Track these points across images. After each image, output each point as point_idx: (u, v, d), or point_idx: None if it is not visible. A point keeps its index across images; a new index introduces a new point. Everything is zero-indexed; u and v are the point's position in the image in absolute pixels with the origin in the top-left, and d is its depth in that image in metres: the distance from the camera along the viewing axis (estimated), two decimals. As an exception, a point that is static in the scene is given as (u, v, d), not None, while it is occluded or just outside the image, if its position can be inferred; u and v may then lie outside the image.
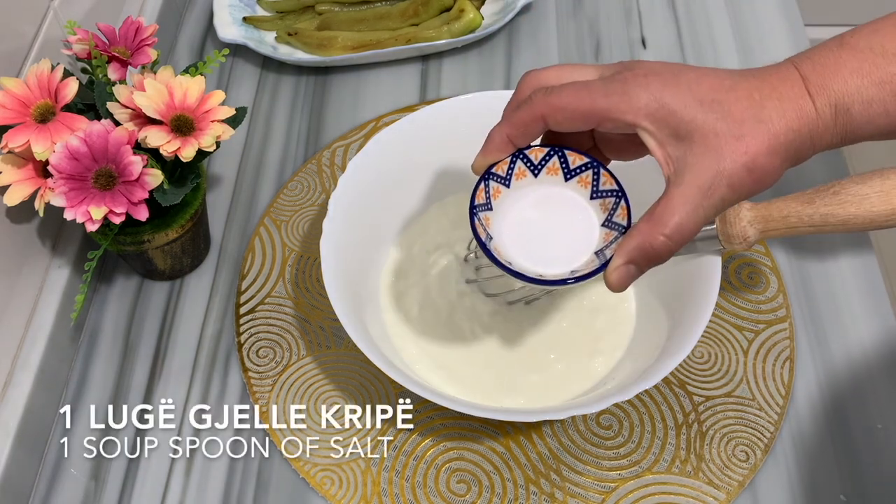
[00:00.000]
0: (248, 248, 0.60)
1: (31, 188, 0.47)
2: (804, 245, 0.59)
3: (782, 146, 0.37)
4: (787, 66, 0.38)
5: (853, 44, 0.37)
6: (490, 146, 0.42)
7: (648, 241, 0.38)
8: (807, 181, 0.62)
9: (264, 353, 0.55)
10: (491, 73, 0.71)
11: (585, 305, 0.54)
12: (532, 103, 0.39)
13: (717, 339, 0.55)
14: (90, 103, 0.51)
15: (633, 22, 0.74)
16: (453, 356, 0.52)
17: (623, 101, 0.37)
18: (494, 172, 0.43)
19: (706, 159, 0.37)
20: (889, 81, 0.36)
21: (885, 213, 0.40)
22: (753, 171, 0.37)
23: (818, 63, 0.37)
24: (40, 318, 0.53)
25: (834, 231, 0.42)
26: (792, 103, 0.37)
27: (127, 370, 0.55)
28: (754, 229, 0.43)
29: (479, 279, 0.55)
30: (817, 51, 0.38)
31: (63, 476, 0.51)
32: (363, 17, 0.72)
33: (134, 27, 0.54)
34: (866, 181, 0.40)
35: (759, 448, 0.50)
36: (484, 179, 0.43)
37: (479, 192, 0.42)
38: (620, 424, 0.52)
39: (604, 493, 0.49)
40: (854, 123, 0.37)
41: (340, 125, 0.67)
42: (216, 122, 0.50)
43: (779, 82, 0.38)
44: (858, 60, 0.37)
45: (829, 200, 0.41)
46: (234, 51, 0.73)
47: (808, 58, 0.38)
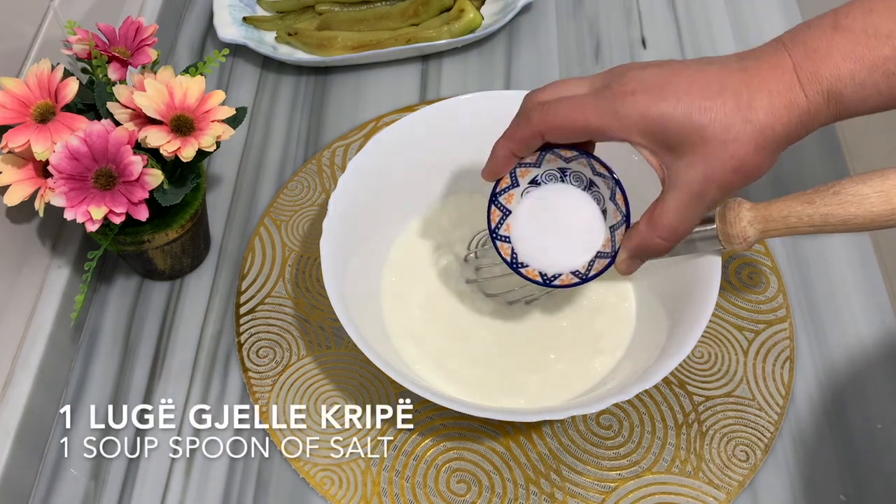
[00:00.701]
0: (248, 248, 0.60)
1: (32, 188, 0.47)
2: (804, 245, 0.59)
3: (771, 141, 0.39)
4: (780, 52, 0.39)
5: (847, 25, 0.38)
6: (495, 161, 0.45)
7: (647, 241, 0.43)
8: (807, 181, 0.63)
9: (264, 353, 0.55)
10: (491, 73, 0.71)
11: (585, 305, 0.54)
12: (531, 121, 0.42)
13: (717, 339, 0.55)
14: (90, 103, 0.51)
15: (633, 22, 0.74)
16: (453, 356, 0.52)
17: (614, 120, 0.40)
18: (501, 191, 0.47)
19: (696, 167, 0.39)
20: (882, 65, 0.37)
21: (885, 214, 0.40)
22: (741, 170, 0.39)
23: (811, 48, 0.38)
24: (40, 318, 0.53)
25: (834, 231, 0.42)
26: (782, 97, 0.38)
27: (127, 370, 0.55)
28: (754, 229, 0.43)
29: (479, 279, 0.55)
30: (811, 33, 0.39)
31: (63, 476, 0.51)
32: (363, 17, 0.72)
33: (134, 27, 0.54)
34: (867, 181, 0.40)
35: (759, 448, 0.50)
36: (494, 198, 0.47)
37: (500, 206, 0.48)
38: (620, 424, 0.52)
39: (604, 493, 0.49)
40: (847, 104, 0.38)
41: (340, 125, 0.67)
42: (216, 122, 0.50)
43: (769, 73, 0.39)
44: (851, 44, 0.38)
45: (829, 200, 0.41)
46: (234, 51, 0.73)
47: (802, 42, 0.39)
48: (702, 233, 0.45)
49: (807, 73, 0.38)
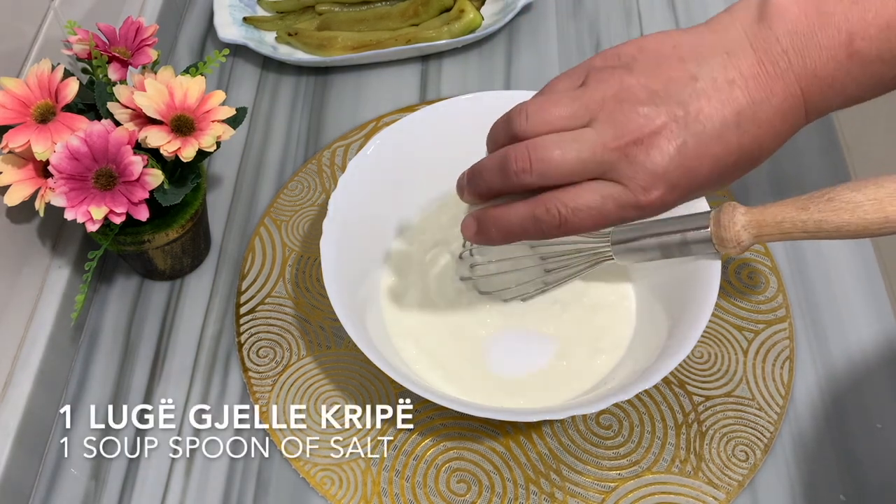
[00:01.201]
0: (249, 248, 0.60)
1: (32, 188, 0.47)
2: (804, 245, 0.59)
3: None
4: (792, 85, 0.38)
5: (864, 53, 0.37)
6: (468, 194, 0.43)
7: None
8: (806, 181, 0.63)
9: (264, 353, 0.55)
10: (491, 73, 0.71)
11: (585, 303, 0.54)
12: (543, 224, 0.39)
13: (717, 339, 0.55)
14: (90, 103, 0.51)
15: (633, 22, 0.74)
16: (453, 356, 0.52)
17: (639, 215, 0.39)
18: None
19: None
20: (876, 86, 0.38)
21: (878, 222, 0.40)
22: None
23: (824, 82, 0.38)
24: (40, 318, 0.53)
25: (828, 237, 0.42)
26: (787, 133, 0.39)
27: (127, 370, 0.55)
28: (748, 234, 0.43)
29: (474, 276, 0.55)
30: (823, 61, 0.37)
31: (63, 476, 0.51)
32: (363, 18, 0.72)
33: (134, 27, 0.54)
34: (861, 188, 0.40)
35: (759, 448, 0.50)
36: None
37: None
38: (620, 424, 0.52)
39: (604, 492, 0.49)
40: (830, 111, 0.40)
41: (340, 125, 0.67)
42: (216, 122, 0.50)
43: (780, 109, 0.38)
44: (863, 75, 0.37)
45: (823, 207, 0.41)
46: (234, 51, 0.73)
47: (814, 74, 0.37)
48: (695, 236, 0.45)
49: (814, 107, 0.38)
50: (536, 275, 0.54)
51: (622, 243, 0.49)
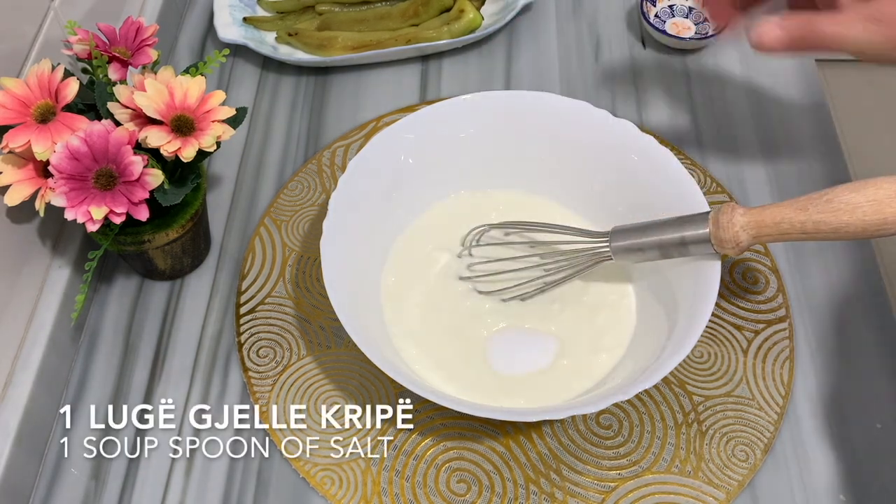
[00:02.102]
0: (249, 248, 0.60)
1: (32, 188, 0.47)
2: (804, 245, 0.59)
3: None
4: None
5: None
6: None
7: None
8: (806, 181, 0.63)
9: (264, 353, 0.55)
10: (491, 73, 0.71)
11: (585, 303, 0.54)
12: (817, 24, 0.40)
13: (717, 338, 0.55)
14: (91, 103, 0.51)
15: (633, 22, 0.74)
16: (453, 355, 0.52)
17: None
18: None
19: None
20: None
21: (876, 223, 0.40)
22: None
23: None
24: (40, 318, 0.53)
25: (826, 239, 0.42)
26: None
27: (127, 370, 0.55)
28: (747, 234, 0.43)
29: (473, 276, 0.55)
30: None
31: (63, 476, 0.51)
32: (363, 18, 0.72)
33: (134, 27, 0.54)
34: (859, 190, 0.40)
35: (759, 448, 0.51)
36: None
37: None
38: (620, 424, 0.52)
39: (604, 492, 0.49)
40: None
41: (340, 125, 0.67)
42: (216, 122, 0.50)
43: None
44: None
45: (821, 208, 0.41)
46: (234, 51, 0.73)
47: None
48: (694, 236, 0.45)
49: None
50: (536, 274, 0.54)
51: (621, 243, 0.49)
